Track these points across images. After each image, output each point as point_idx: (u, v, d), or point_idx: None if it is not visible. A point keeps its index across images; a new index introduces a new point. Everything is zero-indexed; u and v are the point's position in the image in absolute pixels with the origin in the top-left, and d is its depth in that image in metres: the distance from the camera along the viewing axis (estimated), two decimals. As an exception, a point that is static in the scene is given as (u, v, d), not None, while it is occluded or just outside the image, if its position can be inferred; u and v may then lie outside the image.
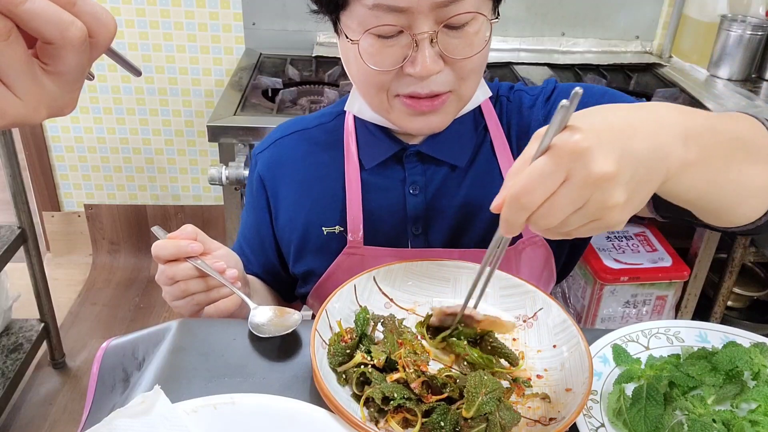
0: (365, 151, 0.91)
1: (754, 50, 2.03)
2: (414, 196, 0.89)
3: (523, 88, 0.94)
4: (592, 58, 2.20)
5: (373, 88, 0.80)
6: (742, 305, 2.11)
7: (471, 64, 0.78)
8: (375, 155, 0.90)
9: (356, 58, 0.78)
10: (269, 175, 0.95)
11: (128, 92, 2.33)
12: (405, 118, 0.82)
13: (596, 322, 1.92)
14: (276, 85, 1.89)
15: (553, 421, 0.63)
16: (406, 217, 0.90)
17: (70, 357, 2.12)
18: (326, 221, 0.92)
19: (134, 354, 0.76)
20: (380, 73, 0.77)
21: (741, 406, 0.64)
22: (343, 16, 0.78)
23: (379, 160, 0.90)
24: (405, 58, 0.75)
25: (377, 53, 0.76)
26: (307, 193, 0.93)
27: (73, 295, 2.42)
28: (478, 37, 0.76)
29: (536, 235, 0.89)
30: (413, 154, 0.89)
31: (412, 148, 0.89)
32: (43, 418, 1.90)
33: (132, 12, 2.18)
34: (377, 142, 0.90)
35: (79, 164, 2.48)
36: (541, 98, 0.91)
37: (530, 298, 0.78)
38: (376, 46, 0.76)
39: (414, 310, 0.80)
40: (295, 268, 0.97)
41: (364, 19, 0.74)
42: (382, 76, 0.78)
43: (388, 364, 0.67)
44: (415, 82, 0.77)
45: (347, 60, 0.82)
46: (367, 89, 0.82)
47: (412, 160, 0.89)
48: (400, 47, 0.75)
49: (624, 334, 0.74)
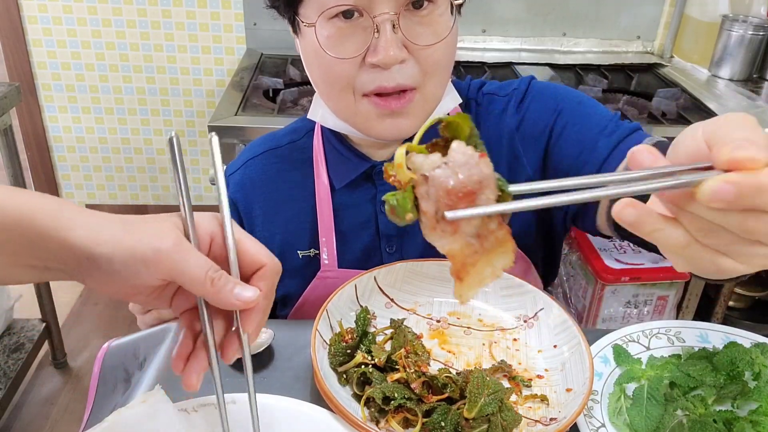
0: (334, 171, 0.88)
1: (756, 50, 2.03)
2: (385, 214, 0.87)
3: (492, 90, 0.89)
4: (593, 59, 2.19)
5: (336, 86, 0.76)
6: (743, 305, 2.11)
7: (436, 55, 0.74)
8: (344, 175, 0.87)
9: (316, 51, 0.74)
10: (241, 196, 0.92)
11: (129, 92, 2.33)
12: (373, 120, 0.77)
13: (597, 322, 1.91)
14: (277, 85, 1.89)
15: (553, 421, 0.63)
16: (379, 235, 0.88)
17: (72, 357, 2.12)
18: (300, 244, 0.89)
19: (135, 354, 0.76)
20: (341, 63, 0.73)
21: (742, 406, 0.64)
22: (301, 8, 0.74)
23: (349, 179, 0.86)
24: (367, 48, 0.72)
25: (336, 41, 0.73)
26: (281, 214, 0.91)
27: (75, 295, 2.42)
28: (442, 20, 0.73)
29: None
30: (382, 171, 0.86)
31: (380, 165, 0.85)
32: (44, 418, 1.90)
33: (133, 12, 2.19)
34: (344, 160, 0.87)
35: (80, 164, 2.48)
36: (512, 102, 0.86)
37: (531, 298, 0.78)
38: (335, 34, 0.72)
39: (414, 310, 0.80)
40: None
41: (322, 2, 0.71)
42: (344, 68, 0.74)
43: (388, 364, 0.67)
44: (379, 74, 0.73)
45: (308, 61, 0.79)
46: (330, 88, 0.78)
47: (381, 177, 0.85)
48: (361, 34, 0.72)
49: (625, 335, 0.74)
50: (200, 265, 0.45)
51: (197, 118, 2.38)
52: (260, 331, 0.48)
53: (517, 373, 0.70)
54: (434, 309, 0.80)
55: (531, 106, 0.86)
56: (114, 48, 2.25)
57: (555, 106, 0.84)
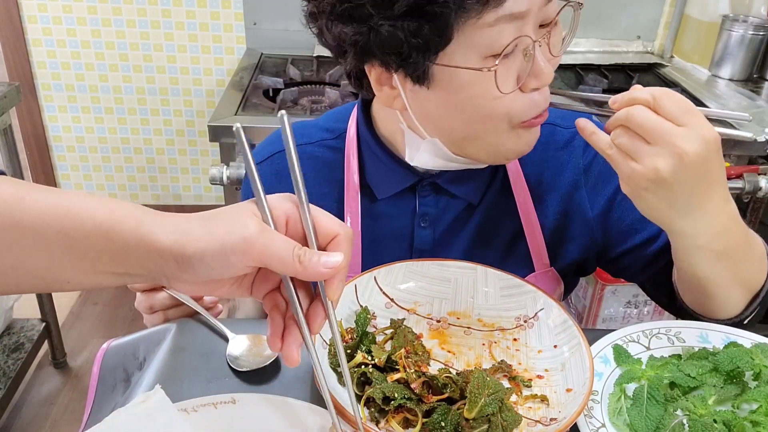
0: (375, 180, 0.85)
1: (756, 50, 2.03)
2: (423, 229, 0.86)
3: (554, 120, 0.86)
4: (594, 58, 2.19)
5: (496, 119, 0.70)
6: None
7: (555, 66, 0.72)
8: (389, 186, 0.84)
9: (482, 91, 0.67)
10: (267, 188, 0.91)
11: (129, 92, 2.33)
12: (517, 143, 0.73)
13: (597, 322, 1.91)
14: (277, 85, 1.89)
15: (553, 422, 0.62)
16: (412, 249, 0.87)
17: (71, 357, 2.12)
18: None
19: (135, 354, 0.76)
20: (502, 98, 0.67)
21: (742, 406, 0.64)
22: (444, 58, 0.66)
23: (395, 191, 0.84)
24: (519, 75, 0.67)
25: (503, 76, 0.66)
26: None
27: (75, 295, 2.42)
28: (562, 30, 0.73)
29: (549, 269, 0.87)
30: (428, 185, 0.84)
31: (428, 179, 0.84)
32: (44, 418, 1.90)
33: (133, 12, 2.19)
34: (388, 171, 0.84)
35: (80, 164, 2.48)
36: (579, 142, 0.85)
37: (531, 298, 0.78)
38: (502, 69, 0.66)
39: (414, 310, 0.79)
40: None
41: (487, 42, 0.64)
42: (506, 102, 0.68)
43: (388, 364, 0.67)
44: (536, 99, 0.70)
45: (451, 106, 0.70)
46: (488, 124, 0.71)
47: (425, 191, 0.84)
48: (516, 62, 0.67)
49: (625, 335, 0.74)
50: (286, 246, 0.47)
51: (197, 117, 2.38)
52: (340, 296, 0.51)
53: (517, 374, 0.70)
54: (434, 309, 0.80)
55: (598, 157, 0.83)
56: (114, 48, 2.25)
57: None
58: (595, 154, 0.84)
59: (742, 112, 0.71)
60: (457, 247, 0.87)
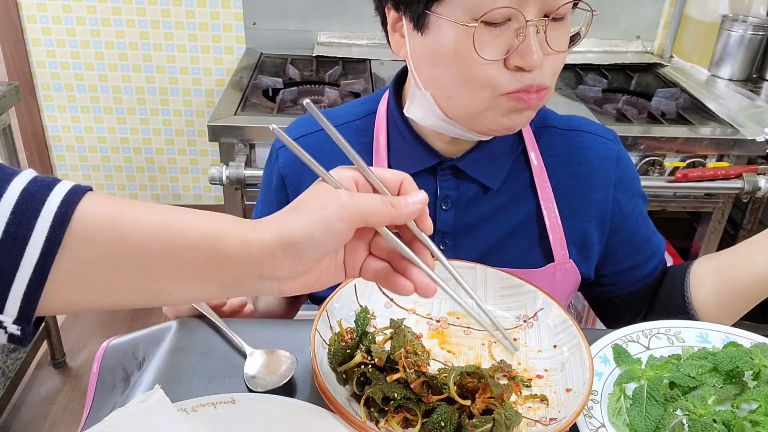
0: (397, 159, 0.88)
1: (755, 50, 2.03)
2: (444, 212, 0.87)
3: (584, 127, 0.91)
4: (593, 58, 2.19)
5: (475, 85, 0.74)
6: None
7: (562, 58, 0.75)
8: (408, 165, 0.86)
9: (457, 51, 0.72)
10: (290, 171, 0.91)
11: (129, 92, 2.33)
12: (502, 116, 0.76)
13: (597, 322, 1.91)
14: (276, 84, 1.89)
15: (553, 422, 0.63)
16: (435, 231, 0.87)
17: (71, 357, 2.12)
18: None
19: (134, 354, 0.76)
20: (485, 64, 0.71)
21: (741, 406, 0.64)
22: (439, 7, 0.72)
23: (414, 170, 0.85)
24: (508, 50, 0.71)
25: (487, 43, 0.71)
26: None
27: (74, 295, 2.42)
28: (569, 27, 0.75)
29: (568, 261, 0.88)
30: (448, 168, 0.86)
31: (449, 161, 0.86)
32: (43, 418, 1.90)
33: (132, 11, 2.19)
34: (411, 150, 0.87)
35: (79, 164, 2.48)
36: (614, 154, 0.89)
37: (530, 298, 0.78)
38: (486, 35, 0.70)
39: (414, 310, 0.79)
40: None
41: (477, 4, 0.69)
42: (487, 69, 0.72)
43: (388, 364, 0.67)
44: (522, 75, 0.72)
45: (438, 59, 0.75)
46: (465, 87, 0.75)
47: (446, 174, 0.87)
48: (506, 37, 0.71)
49: (624, 335, 0.74)
50: (376, 199, 0.52)
51: (196, 117, 2.38)
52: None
53: (516, 373, 0.70)
54: (434, 309, 0.80)
55: (626, 174, 0.90)
56: (113, 47, 2.24)
57: (636, 190, 0.92)
58: (626, 170, 0.90)
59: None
60: (479, 231, 0.89)
